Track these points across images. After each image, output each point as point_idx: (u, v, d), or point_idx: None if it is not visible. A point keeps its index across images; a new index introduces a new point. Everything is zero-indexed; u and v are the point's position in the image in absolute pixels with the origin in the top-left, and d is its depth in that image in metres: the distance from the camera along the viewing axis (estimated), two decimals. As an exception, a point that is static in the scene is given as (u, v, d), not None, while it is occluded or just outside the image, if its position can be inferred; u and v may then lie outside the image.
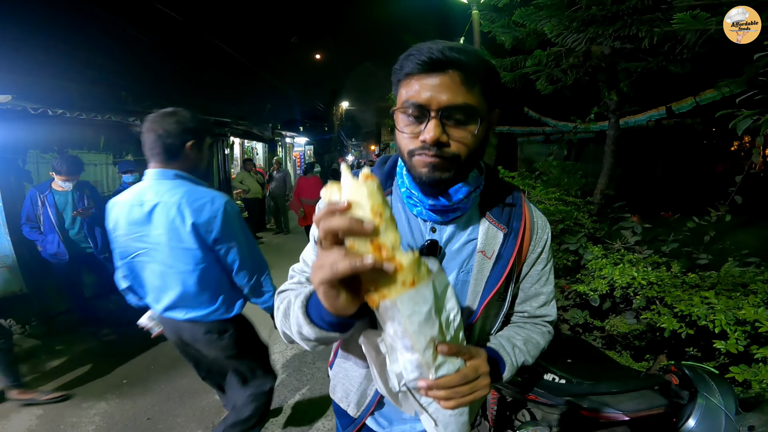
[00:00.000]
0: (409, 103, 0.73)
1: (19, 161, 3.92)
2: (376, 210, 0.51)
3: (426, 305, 0.56)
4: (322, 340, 0.72)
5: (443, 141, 0.72)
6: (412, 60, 0.72)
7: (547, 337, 0.97)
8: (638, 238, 2.73)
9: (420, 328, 0.57)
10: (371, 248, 0.51)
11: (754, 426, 1.37)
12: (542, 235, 0.93)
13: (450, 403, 0.66)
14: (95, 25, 9.68)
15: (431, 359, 0.61)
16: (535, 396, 1.70)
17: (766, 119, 1.86)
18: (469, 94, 0.72)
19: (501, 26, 3.89)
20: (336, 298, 0.57)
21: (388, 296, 0.54)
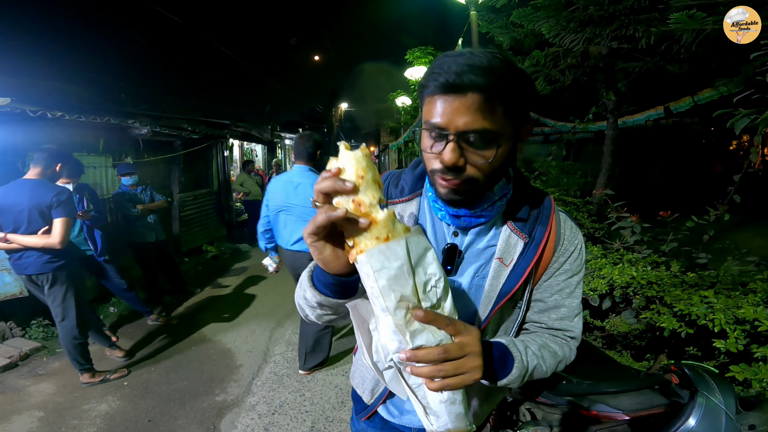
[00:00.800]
0: (429, 124, 0.73)
1: (18, 164, 3.91)
2: (359, 173, 0.57)
3: (396, 261, 0.57)
4: (322, 304, 0.74)
5: (460, 165, 0.71)
6: (433, 79, 0.71)
7: (567, 350, 0.90)
8: (637, 238, 2.73)
9: (389, 283, 0.57)
10: (353, 205, 0.57)
11: (755, 425, 1.37)
12: (569, 246, 0.90)
13: (433, 385, 0.62)
14: (94, 28, 9.69)
15: (403, 322, 0.59)
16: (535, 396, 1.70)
17: (763, 118, 1.86)
18: (489, 118, 0.69)
19: (499, 27, 3.91)
20: (321, 251, 0.62)
21: (362, 251, 0.57)
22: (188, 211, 6.92)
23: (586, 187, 4.33)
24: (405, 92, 17.64)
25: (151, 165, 5.88)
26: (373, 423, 1.06)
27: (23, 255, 2.83)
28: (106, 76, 8.41)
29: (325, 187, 0.58)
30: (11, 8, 7.61)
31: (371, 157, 0.60)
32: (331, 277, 0.68)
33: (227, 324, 4.28)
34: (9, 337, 3.71)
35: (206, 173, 7.88)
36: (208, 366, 3.45)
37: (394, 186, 0.94)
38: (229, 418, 2.77)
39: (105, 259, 3.72)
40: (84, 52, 8.74)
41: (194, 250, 6.88)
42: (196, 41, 13.45)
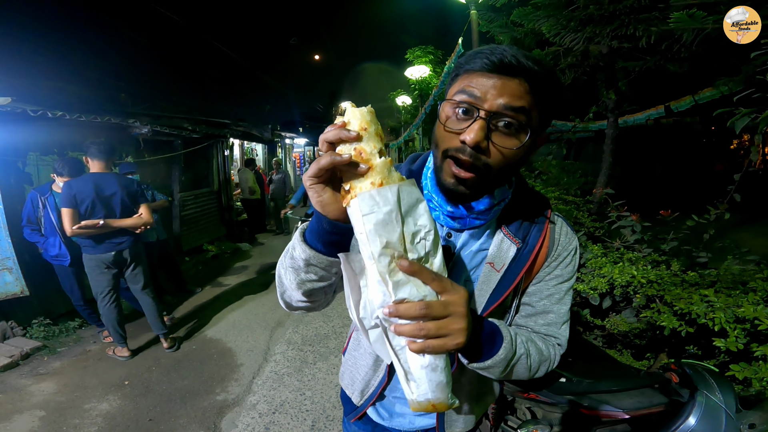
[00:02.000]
0: (461, 94, 0.68)
1: (19, 163, 3.92)
2: (362, 125, 0.59)
3: (386, 206, 0.57)
4: (309, 263, 0.70)
5: (483, 147, 0.67)
6: (481, 57, 0.68)
7: (552, 352, 0.87)
8: (638, 237, 2.73)
9: (376, 228, 0.56)
10: (354, 153, 0.58)
11: (755, 424, 1.37)
12: (562, 251, 0.87)
13: (415, 346, 0.58)
14: (95, 28, 9.69)
15: (386, 270, 0.57)
16: (535, 395, 1.71)
17: (763, 117, 1.86)
18: (530, 105, 0.67)
19: (499, 26, 3.90)
20: (321, 193, 0.62)
21: (355, 195, 0.58)
22: (189, 211, 6.92)
23: (586, 186, 4.33)
24: (405, 91, 17.63)
25: (152, 164, 5.88)
26: (363, 425, 1.05)
27: (116, 234, 3.32)
28: (106, 76, 8.42)
29: (331, 136, 0.59)
30: (12, 8, 7.61)
31: (374, 112, 0.62)
32: (327, 222, 0.64)
33: (228, 323, 4.28)
34: (10, 336, 3.72)
35: (206, 172, 7.88)
36: (208, 365, 3.46)
37: None
38: (229, 417, 2.78)
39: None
40: (84, 52, 8.75)
41: (195, 250, 6.88)
42: (197, 41, 13.45)
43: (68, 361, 3.50)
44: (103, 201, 3.21)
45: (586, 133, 7.90)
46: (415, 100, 16.64)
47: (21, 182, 3.92)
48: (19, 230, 3.52)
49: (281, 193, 9.03)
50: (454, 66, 0.74)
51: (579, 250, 0.91)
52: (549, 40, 3.33)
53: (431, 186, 0.83)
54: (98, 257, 3.29)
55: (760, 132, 2.08)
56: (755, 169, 2.64)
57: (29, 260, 3.70)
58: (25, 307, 3.84)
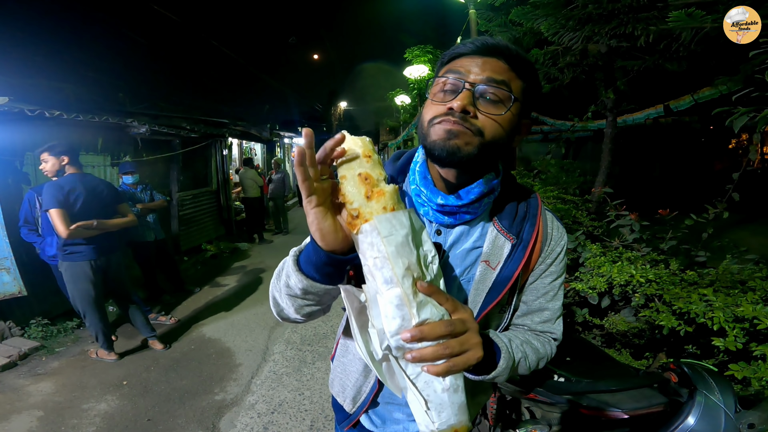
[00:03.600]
0: (448, 72, 0.74)
1: (16, 163, 3.91)
2: (367, 153, 0.60)
3: (403, 229, 0.58)
4: (306, 291, 0.69)
5: (469, 110, 0.70)
6: (465, 44, 0.75)
7: (548, 349, 0.88)
8: (636, 236, 2.73)
9: (397, 249, 0.57)
10: (359, 179, 0.59)
11: (754, 423, 1.37)
12: (555, 247, 0.87)
13: (440, 367, 0.57)
14: (93, 27, 9.67)
15: (411, 291, 0.57)
16: (534, 394, 1.71)
17: (762, 116, 1.86)
18: (511, 79, 0.73)
19: (498, 25, 3.90)
20: (322, 220, 0.60)
21: (368, 219, 0.58)
22: (187, 210, 6.91)
23: (585, 185, 4.33)
24: (404, 91, 17.62)
25: (150, 164, 5.87)
26: None
27: (106, 238, 3.26)
28: (104, 75, 8.41)
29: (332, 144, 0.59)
30: (10, 8, 7.59)
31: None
32: (325, 254, 0.62)
33: (226, 323, 4.28)
34: (8, 336, 3.70)
35: (205, 172, 7.87)
36: (207, 365, 3.45)
37: None
38: (228, 417, 2.77)
39: (104, 259, 3.72)
40: (82, 52, 8.73)
41: (193, 249, 6.87)
42: (195, 40, 13.43)
43: (66, 361, 3.49)
44: (92, 201, 3.14)
45: (584, 132, 7.91)
46: (414, 100, 16.64)
47: (18, 182, 3.91)
48: (16, 230, 3.51)
49: (280, 192, 9.02)
50: (441, 57, 0.80)
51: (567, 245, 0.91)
52: (548, 39, 3.32)
53: (419, 179, 0.82)
54: (87, 263, 3.16)
55: (758, 131, 2.09)
56: (754, 168, 2.64)
57: (27, 260, 3.69)
58: (23, 307, 3.83)
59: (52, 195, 2.94)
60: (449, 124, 0.70)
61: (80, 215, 3.03)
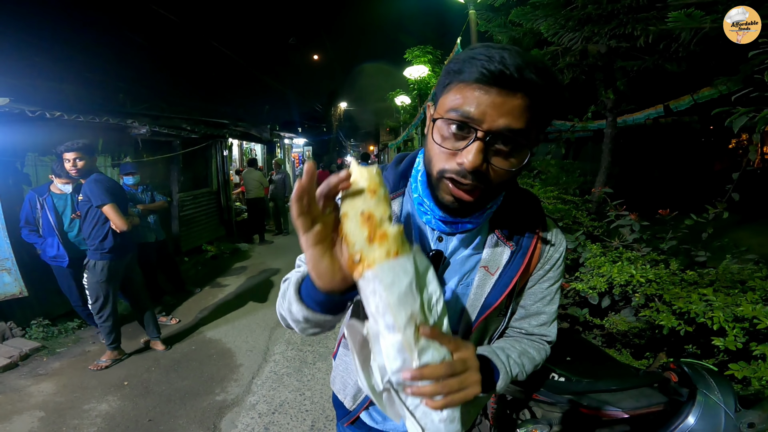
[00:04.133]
0: (456, 112, 0.63)
1: (17, 164, 3.92)
2: (372, 188, 0.57)
3: (407, 277, 0.56)
4: (308, 320, 0.68)
5: (482, 170, 0.64)
6: (476, 65, 0.61)
7: (543, 355, 0.91)
8: (636, 236, 2.74)
9: (399, 299, 0.56)
10: (361, 219, 0.56)
11: (754, 423, 1.38)
12: (554, 253, 0.87)
13: (438, 403, 0.60)
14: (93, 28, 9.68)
15: (413, 339, 0.58)
16: (535, 394, 1.71)
17: (762, 116, 1.87)
18: (529, 123, 0.63)
19: (498, 26, 3.90)
20: (320, 260, 0.58)
21: (371, 266, 0.55)
22: (188, 211, 6.92)
23: (585, 185, 4.33)
24: (404, 91, 17.63)
25: (150, 165, 5.88)
26: (357, 429, 1.03)
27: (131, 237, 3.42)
28: (104, 76, 8.41)
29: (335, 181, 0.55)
30: (10, 8, 7.59)
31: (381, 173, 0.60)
32: (323, 294, 0.62)
33: (227, 323, 4.28)
34: (9, 337, 3.71)
35: (205, 173, 7.88)
36: (208, 365, 3.45)
37: None
38: (229, 417, 2.78)
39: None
40: (83, 52, 8.73)
41: (194, 250, 6.87)
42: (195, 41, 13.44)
43: (67, 362, 3.50)
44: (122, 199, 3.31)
45: (584, 132, 7.89)
46: (414, 100, 16.63)
47: (19, 183, 3.92)
48: (17, 231, 3.52)
49: (281, 193, 9.03)
50: (444, 70, 0.69)
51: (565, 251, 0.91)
52: (547, 39, 3.33)
53: (422, 189, 0.79)
54: (118, 262, 3.26)
55: (758, 131, 2.09)
56: (754, 168, 2.64)
57: (28, 261, 3.69)
58: (24, 307, 3.84)
59: (105, 190, 3.03)
60: (458, 189, 0.67)
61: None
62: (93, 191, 3.03)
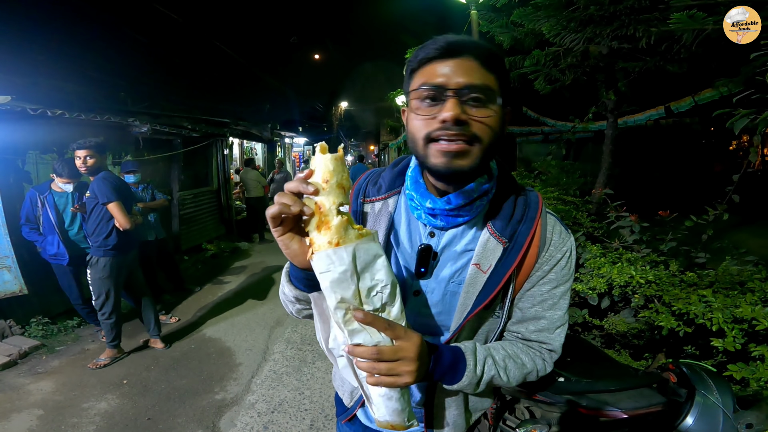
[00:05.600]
0: (424, 86, 0.71)
1: (18, 162, 3.92)
2: (325, 177, 0.60)
3: (341, 266, 0.60)
4: (298, 298, 0.79)
5: (463, 119, 0.68)
6: (428, 47, 0.72)
7: (539, 364, 0.87)
8: (636, 237, 2.74)
9: (332, 285, 0.61)
10: (314, 208, 0.61)
11: (752, 424, 1.38)
12: (555, 253, 0.83)
13: (371, 380, 0.67)
14: (95, 27, 9.68)
15: (341, 321, 0.63)
16: (534, 394, 1.71)
17: (762, 118, 1.87)
18: (487, 77, 0.71)
19: (499, 26, 3.90)
20: (288, 245, 0.65)
21: (315, 251, 0.61)
22: (188, 210, 6.92)
23: (585, 186, 4.34)
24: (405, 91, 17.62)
25: (151, 163, 5.88)
26: (353, 426, 1.03)
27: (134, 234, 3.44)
28: (106, 75, 8.41)
29: (292, 187, 0.61)
30: (11, 7, 7.60)
31: (343, 160, 0.63)
32: (300, 271, 0.70)
33: (227, 322, 4.28)
34: (8, 335, 3.71)
35: (206, 171, 7.88)
36: (207, 364, 3.46)
37: (373, 184, 0.91)
38: (228, 416, 2.78)
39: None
40: (84, 51, 8.73)
41: (194, 249, 6.88)
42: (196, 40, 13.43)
43: (67, 360, 3.50)
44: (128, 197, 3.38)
45: (585, 133, 7.90)
46: (415, 100, 16.61)
47: (20, 181, 3.92)
48: (18, 229, 3.52)
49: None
50: (407, 64, 0.77)
51: (575, 252, 0.87)
52: (549, 40, 3.33)
53: (411, 184, 0.83)
54: (124, 258, 3.32)
55: (759, 133, 2.09)
56: (754, 170, 2.64)
57: (28, 259, 3.70)
58: (24, 305, 3.84)
59: (113, 188, 3.09)
60: (449, 144, 0.69)
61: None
62: (101, 188, 3.08)
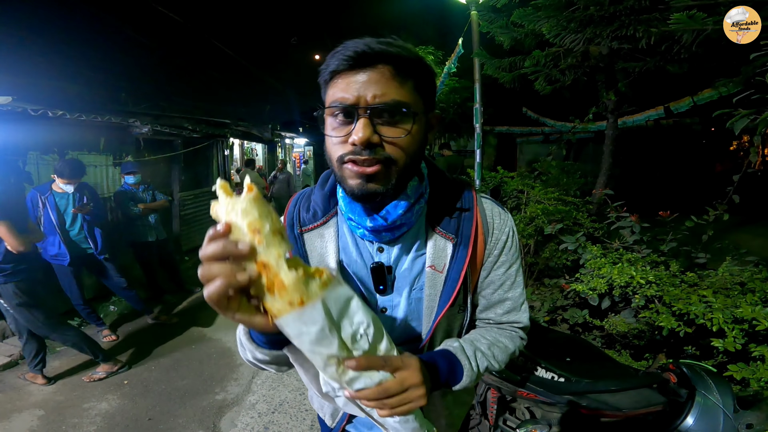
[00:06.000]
0: (335, 104, 0.67)
1: (19, 162, 3.92)
2: (254, 227, 0.49)
3: (315, 326, 0.53)
4: (278, 358, 0.72)
5: (374, 141, 0.65)
6: (337, 57, 0.66)
7: (518, 342, 0.89)
8: (637, 238, 2.74)
9: (312, 347, 0.54)
10: (257, 268, 0.50)
11: (752, 424, 1.38)
12: (500, 235, 0.84)
13: (383, 413, 0.63)
14: (95, 27, 9.70)
15: (336, 376, 0.58)
16: (534, 394, 1.71)
17: (763, 119, 1.87)
18: (401, 89, 0.66)
19: (499, 27, 3.90)
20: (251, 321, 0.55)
21: (276, 317, 0.53)
22: (188, 210, 6.93)
23: (586, 186, 4.34)
24: (405, 92, 17.59)
25: (152, 164, 5.88)
26: None
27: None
28: (107, 75, 8.42)
29: (214, 252, 0.49)
30: (12, 7, 7.61)
31: (262, 198, 0.52)
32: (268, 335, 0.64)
33: (227, 323, 4.28)
34: (9, 335, 3.72)
35: (207, 172, 7.88)
36: (208, 365, 3.46)
37: (305, 210, 0.85)
38: (229, 416, 2.78)
39: (105, 258, 3.73)
40: (85, 51, 8.75)
41: (194, 249, 6.87)
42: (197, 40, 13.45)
43: (67, 360, 3.50)
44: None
45: (585, 133, 7.91)
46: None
47: (21, 181, 3.92)
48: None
49: (285, 193, 9.04)
50: (320, 73, 0.71)
51: (515, 227, 0.88)
52: (549, 40, 3.33)
53: (345, 205, 0.79)
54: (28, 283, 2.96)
55: (759, 133, 2.09)
56: (754, 170, 2.64)
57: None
58: (25, 306, 3.84)
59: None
60: (359, 166, 0.66)
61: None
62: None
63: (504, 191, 4.36)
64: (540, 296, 3.27)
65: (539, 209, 3.30)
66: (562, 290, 3.12)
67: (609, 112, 3.78)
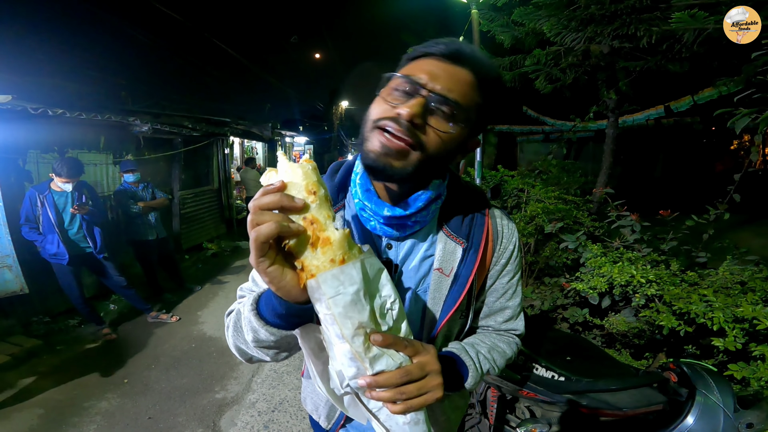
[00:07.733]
0: (405, 77, 0.68)
1: (19, 161, 3.92)
2: (310, 188, 0.52)
3: (352, 286, 0.52)
4: (281, 342, 0.66)
5: (417, 123, 0.65)
6: (438, 44, 0.70)
7: (514, 348, 0.90)
8: (637, 237, 2.74)
9: (345, 310, 0.53)
10: (304, 224, 0.51)
11: (752, 423, 1.38)
12: (507, 245, 0.85)
13: (398, 407, 0.59)
14: (95, 26, 9.69)
15: (362, 349, 0.55)
16: (534, 393, 1.71)
17: (764, 118, 1.87)
18: (467, 97, 0.68)
19: (500, 25, 3.90)
20: (281, 278, 0.54)
21: (314, 275, 0.52)
22: (189, 209, 6.92)
23: (586, 185, 4.34)
24: (406, 91, 17.59)
25: (152, 162, 5.88)
26: None
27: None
28: (107, 74, 8.42)
29: (269, 202, 0.50)
30: (13, 6, 7.61)
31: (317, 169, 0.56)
32: (288, 306, 0.58)
33: (227, 321, 4.28)
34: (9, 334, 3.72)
35: (207, 171, 7.88)
36: (208, 363, 3.46)
37: None
38: (228, 415, 2.78)
39: (104, 257, 3.73)
40: (85, 50, 8.74)
41: (194, 248, 6.88)
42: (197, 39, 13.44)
43: (67, 359, 3.51)
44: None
45: (586, 132, 7.91)
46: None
47: (21, 180, 3.92)
48: (18, 228, 3.52)
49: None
50: (406, 56, 0.74)
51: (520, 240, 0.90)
52: (550, 39, 3.33)
53: (362, 193, 0.77)
54: None
55: (760, 132, 2.09)
56: (755, 170, 2.64)
57: (29, 258, 3.69)
58: (25, 304, 3.84)
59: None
60: (388, 138, 0.66)
61: None
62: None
63: (504, 190, 4.36)
64: (540, 295, 3.27)
65: (539, 208, 3.30)
66: (563, 289, 3.12)
67: (609, 111, 3.78)
